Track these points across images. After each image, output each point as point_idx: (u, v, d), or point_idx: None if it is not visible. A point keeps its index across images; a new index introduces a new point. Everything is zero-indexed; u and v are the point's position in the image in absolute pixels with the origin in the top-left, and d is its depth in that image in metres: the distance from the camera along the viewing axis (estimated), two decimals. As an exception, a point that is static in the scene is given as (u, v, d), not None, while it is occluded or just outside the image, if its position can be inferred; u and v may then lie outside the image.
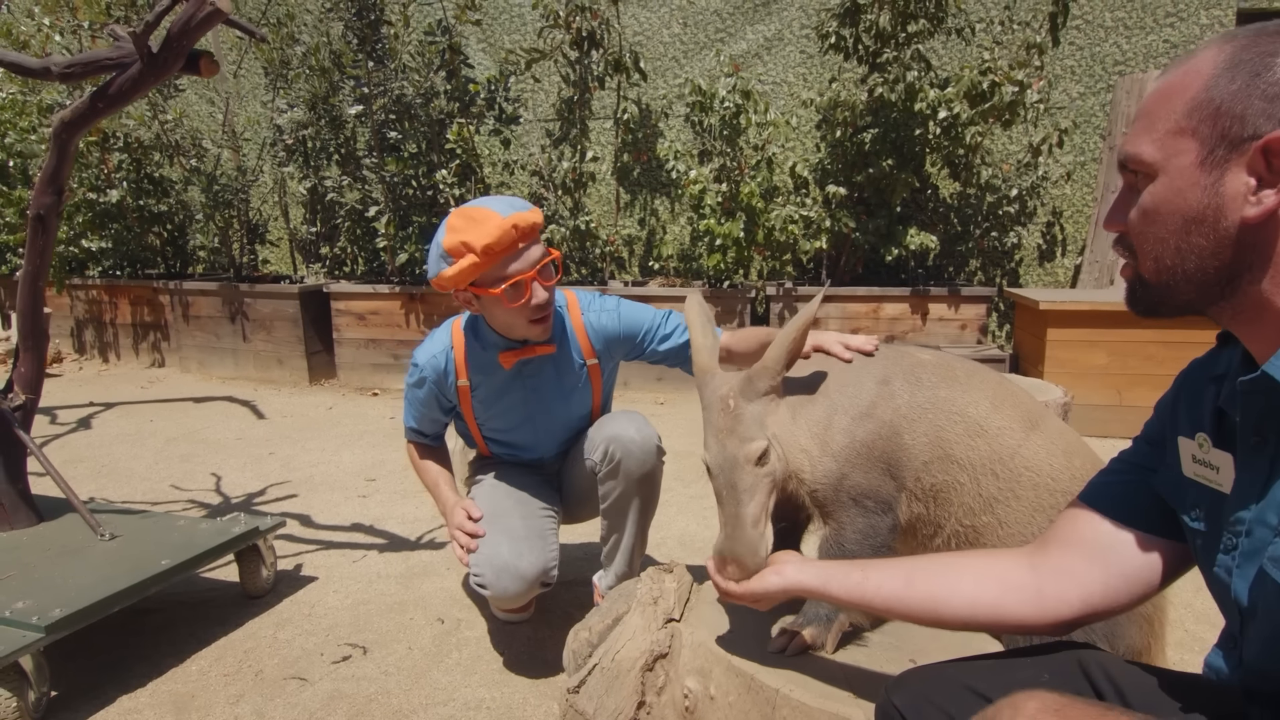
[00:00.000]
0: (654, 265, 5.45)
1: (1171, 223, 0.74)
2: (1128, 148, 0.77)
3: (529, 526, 1.81)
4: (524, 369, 1.84)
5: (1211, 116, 0.71)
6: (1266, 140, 0.68)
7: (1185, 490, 0.87)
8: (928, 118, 4.42)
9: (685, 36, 5.33)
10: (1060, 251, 5.17)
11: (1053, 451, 1.28)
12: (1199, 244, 0.73)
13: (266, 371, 5.23)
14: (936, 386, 1.30)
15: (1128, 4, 4.87)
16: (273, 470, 3.43)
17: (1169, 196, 0.74)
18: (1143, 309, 0.82)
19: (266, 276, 5.67)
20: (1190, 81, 0.73)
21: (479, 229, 1.59)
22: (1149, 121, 0.76)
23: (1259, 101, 0.69)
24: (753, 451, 1.19)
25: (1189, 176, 0.72)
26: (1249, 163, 0.69)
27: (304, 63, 4.88)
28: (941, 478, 1.28)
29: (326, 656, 1.95)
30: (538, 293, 1.68)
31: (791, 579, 1.10)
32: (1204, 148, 0.71)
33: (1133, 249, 0.80)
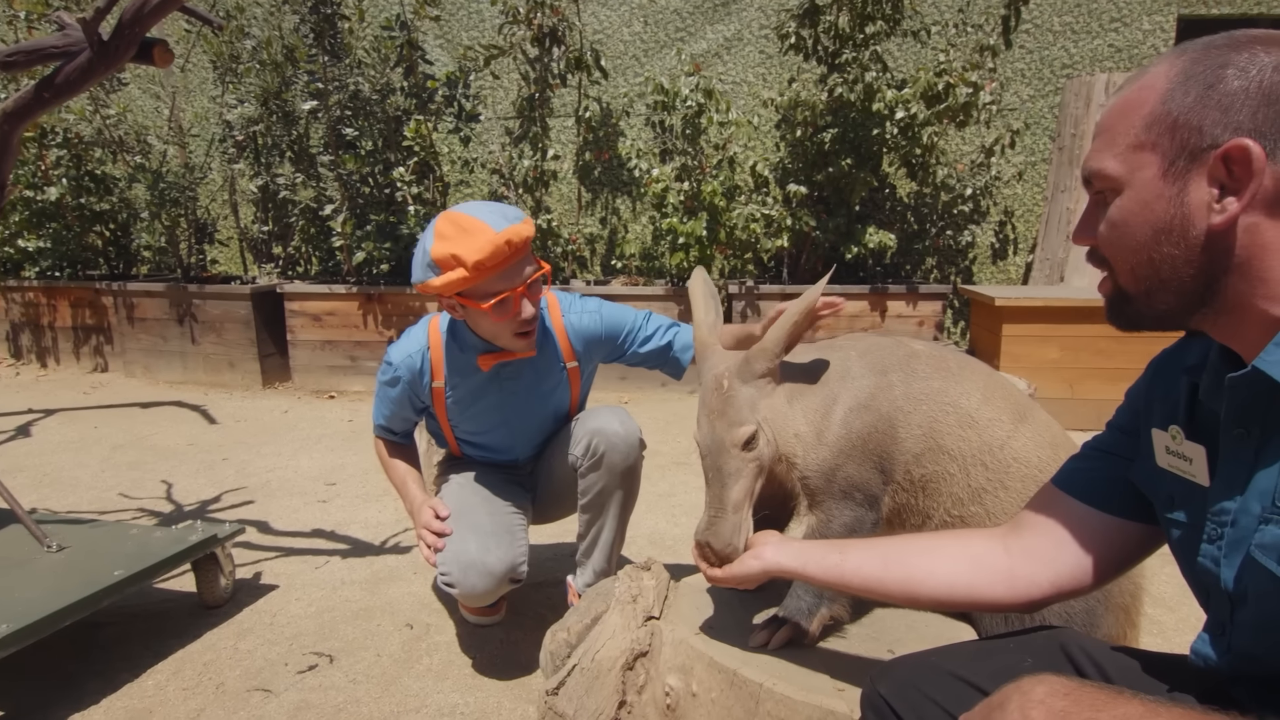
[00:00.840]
0: (616, 264, 5.44)
1: (1141, 234, 0.76)
2: (1091, 164, 0.79)
3: (496, 523, 1.78)
4: (502, 371, 1.81)
5: (1170, 129, 0.73)
6: (1225, 149, 0.70)
7: (1160, 481, 0.89)
8: (885, 118, 4.49)
9: (646, 35, 5.33)
10: (1012, 250, 5.31)
11: (1040, 443, 1.30)
12: (1171, 253, 0.75)
13: (217, 375, 5.07)
14: (930, 377, 1.30)
15: (1074, 9, 5.01)
16: (227, 476, 3.33)
17: (1136, 209, 0.76)
18: (1124, 322, 0.83)
19: (216, 277, 5.50)
20: (1146, 96, 0.75)
21: (470, 242, 1.53)
22: (1109, 137, 0.78)
23: (1214, 112, 0.71)
24: (740, 436, 1.19)
25: (1153, 189, 0.74)
26: (1210, 172, 0.71)
27: (255, 56, 4.75)
28: (932, 468, 1.29)
29: (291, 666, 1.89)
30: (526, 308, 1.64)
31: (770, 561, 1.11)
32: (1165, 160, 0.74)
33: (1107, 261, 0.81)
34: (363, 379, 4.89)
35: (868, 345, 1.36)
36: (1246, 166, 0.69)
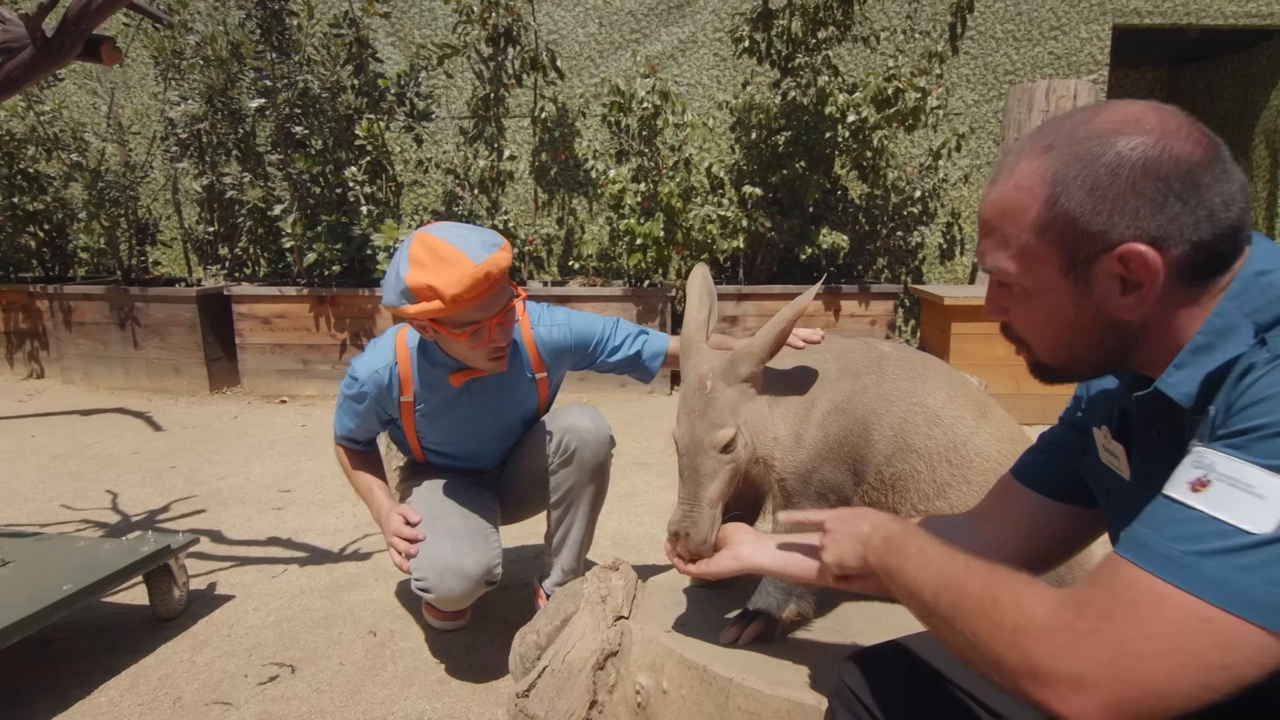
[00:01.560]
0: (573, 265, 5.43)
1: (1053, 327, 0.81)
2: (989, 261, 0.82)
3: (470, 525, 1.78)
4: (473, 386, 1.79)
5: (1061, 235, 0.75)
6: (1119, 252, 0.73)
7: (1100, 474, 0.96)
8: (837, 121, 4.58)
9: (601, 36, 5.33)
10: (959, 250, 5.46)
11: (1000, 438, 1.35)
12: (1084, 338, 0.80)
13: (161, 380, 4.91)
14: (899, 378, 1.34)
15: (1016, 17, 5.18)
16: (175, 485, 3.23)
17: (1044, 308, 0.80)
18: (1049, 381, 0.89)
19: (159, 279, 5.33)
20: (1027, 201, 0.77)
21: (448, 274, 1.49)
22: (1000, 238, 0.80)
23: (1099, 217, 0.73)
24: (720, 439, 1.20)
25: (1057, 288, 0.78)
26: (1109, 270, 0.74)
27: (199, 53, 4.61)
28: (901, 467, 1.33)
29: (251, 678, 1.85)
30: (500, 336, 1.63)
31: (748, 560, 1.14)
32: (1063, 261, 0.76)
33: (1022, 340, 0.86)
34: (315, 383, 4.80)
35: (841, 348, 1.39)
36: (1143, 266, 0.73)
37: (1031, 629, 0.68)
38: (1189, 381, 0.75)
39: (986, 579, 0.75)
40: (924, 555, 0.83)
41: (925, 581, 0.81)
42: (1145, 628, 0.63)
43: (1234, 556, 0.62)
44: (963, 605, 0.75)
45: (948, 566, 0.79)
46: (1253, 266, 0.75)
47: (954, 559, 0.80)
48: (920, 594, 0.81)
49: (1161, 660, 0.62)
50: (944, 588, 0.78)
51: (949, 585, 0.77)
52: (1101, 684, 0.63)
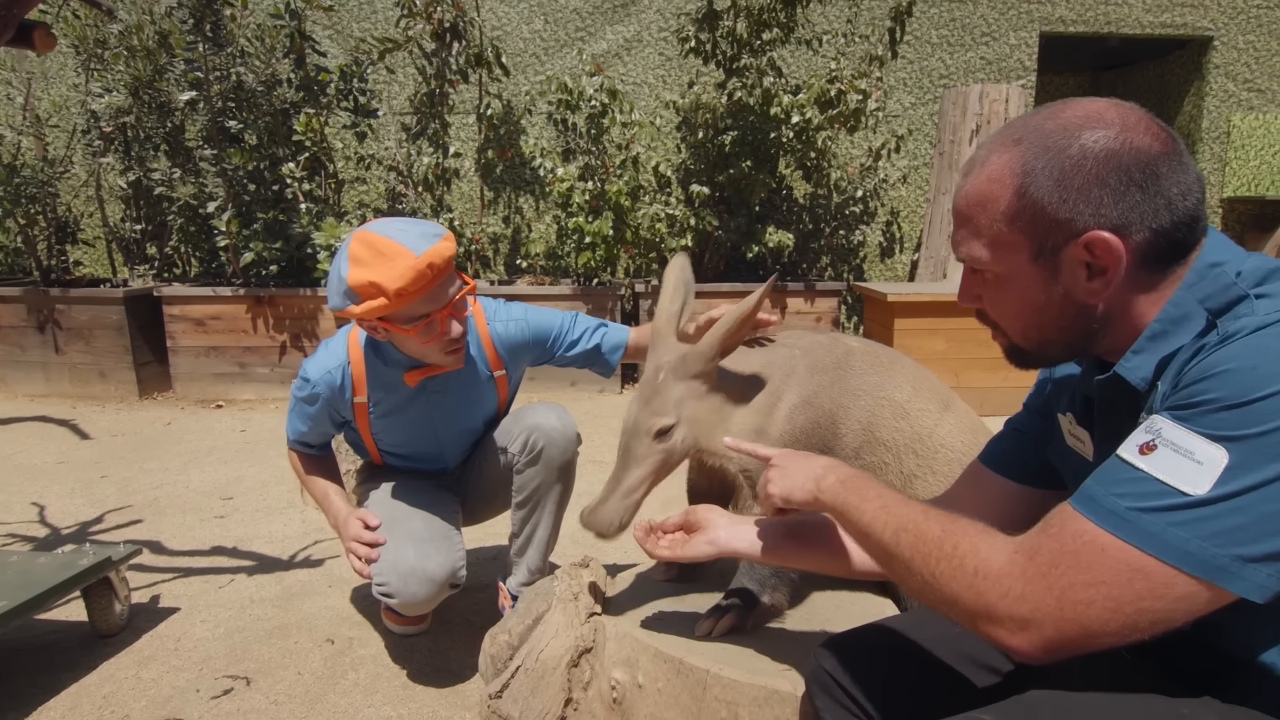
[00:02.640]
0: (521, 264, 5.39)
1: (1026, 312, 0.85)
2: (963, 250, 0.87)
3: (432, 528, 1.74)
4: (429, 385, 1.76)
5: (1030, 223, 0.80)
6: (1084, 240, 0.78)
7: (1067, 458, 1.00)
8: (782, 122, 4.65)
9: (546, 34, 5.30)
10: (899, 248, 5.62)
11: (962, 429, 1.39)
12: (1054, 321, 0.84)
13: (86, 387, 4.67)
14: (867, 373, 1.37)
15: (950, 23, 5.36)
16: (108, 495, 3.08)
17: (1015, 292, 0.85)
18: (1023, 366, 0.93)
19: (81, 280, 5.07)
20: (998, 192, 0.81)
21: (389, 268, 1.46)
22: (973, 228, 0.85)
23: (1065, 206, 0.78)
24: (654, 425, 1.25)
25: (1027, 274, 0.82)
26: (1075, 257, 0.79)
27: (124, 42, 4.40)
28: (869, 459, 1.36)
29: (204, 692, 1.78)
30: (453, 328, 1.60)
31: (724, 544, 1.15)
32: (1032, 248, 0.81)
33: (996, 325, 0.90)
34: (254, 386, 4.64)
35: (810, 344, 1.42)
36: (1108, 253, 0.77)
37: (989, 573, 0.75)
38: (1145, 366, 0.80)
39: (946, 525, 0.81)
40: (882, 499, 0.88)
41: (885, 523, 0.86)
42: (1088, 575, 0.70)
43: (1172, 514, 0.69)
44: (923, 549, 0.81)
45: (907, 512, 0.85)
46: (1206, 258, 0.79)
47: (912, 505, 0.86)
48: (879, 534, 0.86)
49: (1099, 604, 0.70)
50: (904, 530, 0.83)
51: (909, 529, 0.83)
52: (1046, 624, 0.71)
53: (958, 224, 0.87)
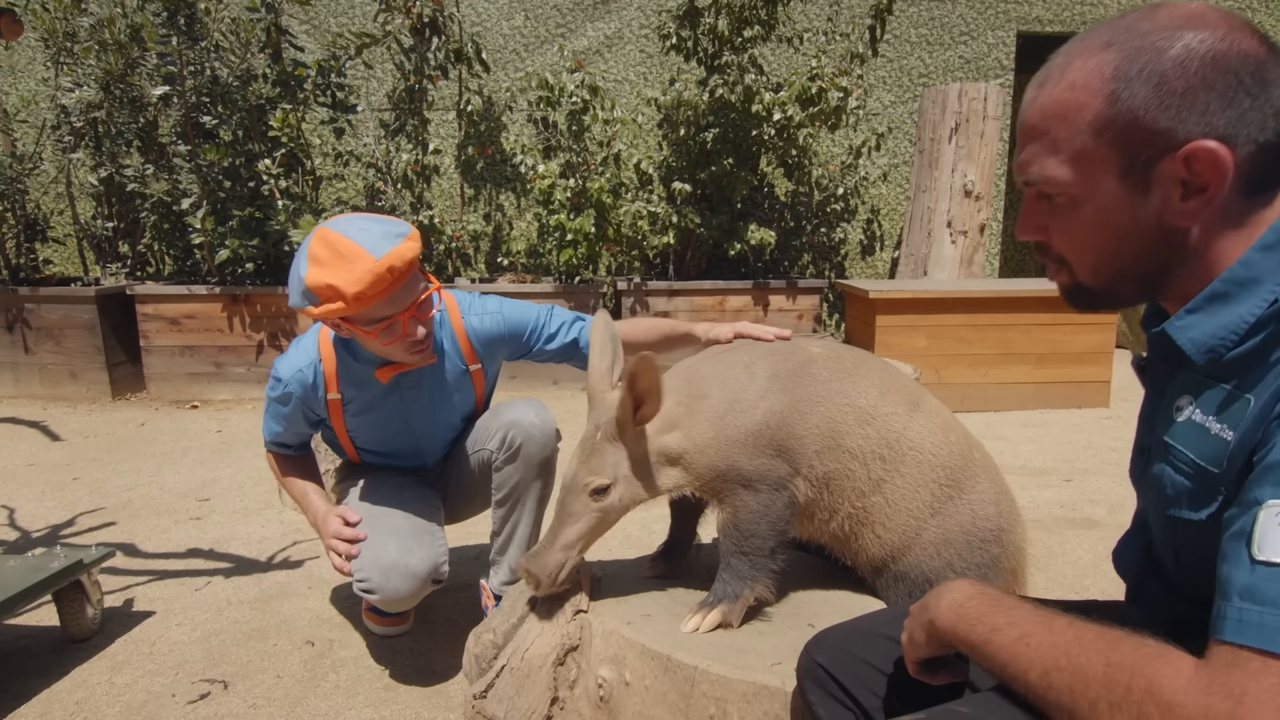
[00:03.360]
0: (502, 261, 5.35)
1: (1104, 239, 0.75)
2: (1033, 169, 0.76)
3: (414, 524, 1.72)
4: (403, 381, 1.73)
5: (1122, 134, 0.71)
6: (1188, 150, 0.68)
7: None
8: (763, 119, 4.66)
9: (526, 30, 5.27)
10: (879, 246, 5.65)
11: (933, 429, 1.38)
12: (1135, 251, 0.75)
13: (57, 388, 4.58)
14: (828, 380, 1.36)
15: (929, 22, 5.39)
16: (80, 498, 3.01)
17: (1096, 216, 0.74)
18: (1084, 308, 0.83)
19: (51, 279, 4.96)
20: (1084, 99, 0.72)
21: (348, 272, 1.43)
22: (1050, 142, 0.75)
23: (1167, 112, 0.69)
24: (590, 483, 1.28)
25: (1113, 193, 0.73)
26: (1171, 172, 0.70)
27: (95, 35, 4.31)
28: (834, 466, 1.35)
29: (180, 697, 1.74)
30: (415, 330, 1.57)
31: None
32: (1122, 164, 0.72)
33: (1062, 259, 0.80)
34: (230, 386, 4.57)
35: (764, 352, 1.40)
36: (1212, 166, 0.68)
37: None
38: (1197, 328, 0.73)
39: (1109, 656, 0.66)
40: (1018, 627, 0.74)
41: (1029, 661, 0.71)
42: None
43: None
44: (1087, 694, 0.66)
45: (1054, 641, 0.70)
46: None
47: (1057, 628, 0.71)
48: (1023, 676, 0.72)
49: None
50: (1057, 669, 0.69)
51: (1062, 666, 0.68)
52: None
53: (1027, 140, 0.77)
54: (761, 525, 1.35)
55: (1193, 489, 0.73)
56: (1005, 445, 3.63)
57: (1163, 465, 0.78)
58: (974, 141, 4.75)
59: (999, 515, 1.41)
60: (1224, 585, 0.64)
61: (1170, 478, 0.76)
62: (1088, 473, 3.26)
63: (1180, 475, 0.75)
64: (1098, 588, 2.24)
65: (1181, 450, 0.75)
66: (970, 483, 1.40)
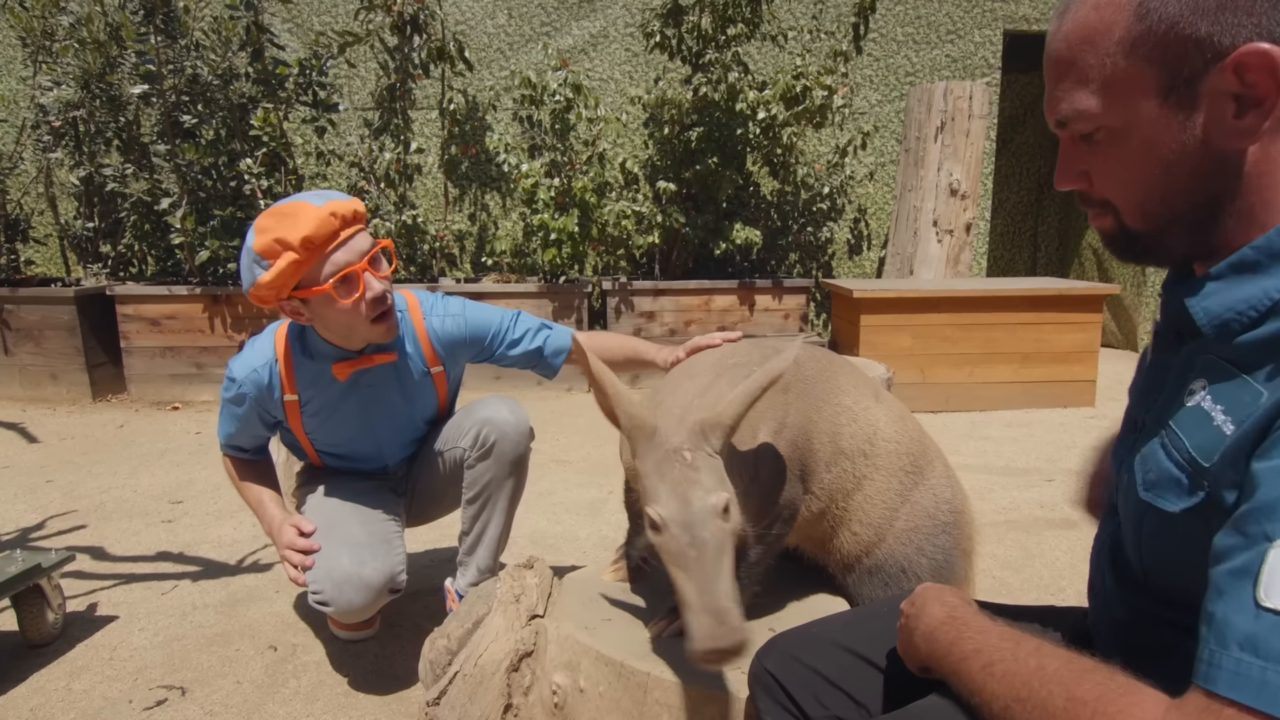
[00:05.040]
0: (487, 261, 5.32)
1: (1150, 172, 0.67)
2: (1064, 106, 0.69)
3: (370, 532, 1.69)
4: (361, 380, 1.70)
5: (1158, 49, 0.63)
6: (1237, 57, 0.60)
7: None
8: (748, 118, 4.63)
9: (510, 28, 5.24)
10: (866, 245, 5.63)
11: (893, 418, 1.37)
12: (1185, 185, 0.66)
13: (37, 389, 4.54)
14: (819, 380, 1.34)
15: (915, 20, 5.37)
16: (52, 500, 2.98)
17: (1139, 147, 0.66)
18: (1130, 258, 0.75)
19: (31, 279, 4.92)
20: (1111, 17, 0.65)
21: (291, 222, 1.44)
22: (1078, 74, 0.68)
23: (1207, 18, 0.61)
24: (720, 502, 1.03)
25: (1155, 119, 0.65)
26: (1220, 86, 0.62)
27: (73, 34, 4.27)
28: (835, 472, 1.32)
29: (136, 703, 1.71)
30: (372, 284, 1.54)
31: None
32: (1163, 84, 0.64)
33: (1108, 204, 0.72)
34: (211, 387, 4.53)
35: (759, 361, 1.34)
36: (1269, 72, 0.60)
37: None
38: (1215, 297, 0.66)
39: (1072, 690, 0.62)
40: (983, 656, 0.71)
41: (993, 693, 0.68)
42: None
43: None
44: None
45: (1018, 671, 0.67)
46: None
47: (1022, 658, 0.67)
48: (987, 705, 0.68)
49: None
50: (1018, 701, 0.65)
51: (1024, 699, 0.65)
52: None
53: (1055, 77, 0.69)
54: (767, 557, 1.32)
55: (1176, 479, 0.67)
56: (989, 445, 3.62)
57: (1155, 445, 0.71)
58: (960, 140, 4.74)
59: (954, 496, 1.41)
60: (1219, 628, 0.57)
61: (1158, 460, 0.70)
62: (1070, 473, 3.24)
63: (1169, 461, 0.69)
64: (1074, 589, 2.22)
65: (1180, 437, 0.68)
66: (929, 467, 1.40)
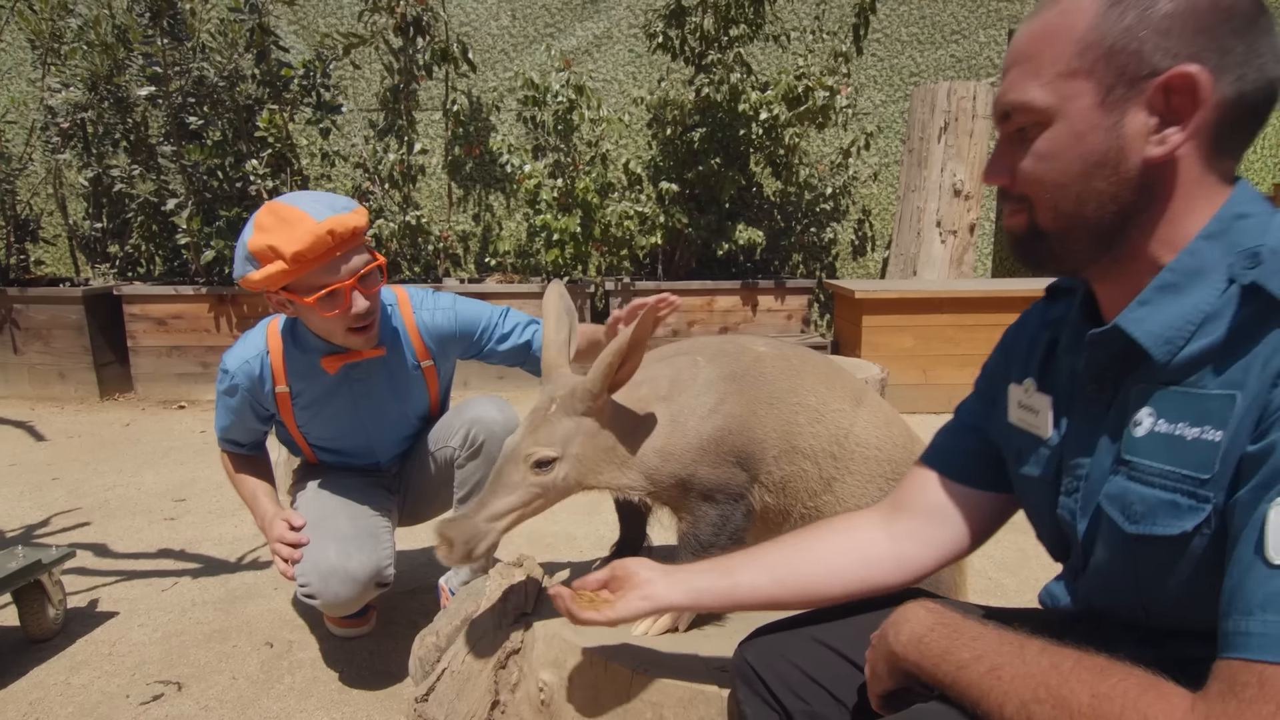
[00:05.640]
0: (491, 262, 5.34)
1: (1073, 168, 0.72)
2: (1012, 96, 0.74)
3: (358, 526, 1.71)
4: (352, 373, 1.72)
5: (1106, 55, 0.69)
6: (1168, 77, 0.67)
7: (1010, 436, 0.93)
8: (750, 119, 4.63)
9: (514, 29, 5.26)
10: (870, 246, 5.62)
11: (876, 424, 1.37)
12: (1100, 188, 0.72)
13: (45, 388, 4.59)
14: (778, 379, 1.34)
15: (920, 20, 5.36)
16: (57, 498, 3.01)
17: (1069, 141, 0.72)
18: (1033, 260, 0.80)
19: (40, 279, 4.98)
20: (1074, 21, 0.71)
21: (288, 233, 1.45)
22: (1033, 66, 0.73)
23: (1153, 37, 0.68)
24: (535, 454, 1.18)
25: (1089, 119, 0.71)
26: (1149, 101, 0.69)
27: (81, 37, 4.32)
28: (789, 469, 1.32)
29: (133, 698, 1.73)
30: (357, 302, 1.56)
31: (661, 600, 1.04)
32: (1102, 88, 0.70)
33: (1025, 199, 0.77)
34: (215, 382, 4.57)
35: (714, 351, 1.37)
36: (1191, 96, 0.67)
37: None
38: (1152, 319, 0.71)
39: (1096, 687, 0.62)
40: (985, 660, 0.70)
41: (1004, 694, 0.67)
42: None
43: None
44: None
45: (1029, 671, 0.66)
46: (1233, 208, 0.71)
47: (1029, 656, 0.67)
48: (999, 710, 0.67)
49: None
50: (1036, 701, 0.64)
51: (1042, 698, 0.64)
52: None
53: (1011, 64, 0.75)
54: (720, 537, 1.33)
55: (1169, 502, 0.69)
56: (990, 446, 3.60)
57: (1123, 482, 0.74)
58: (963, 140, 4.72)
59: None
60: (1240, 598, 0.59)
61: (1138, 493, 0.72)
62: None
63: (1152, 489, 0.71)
64: (1070, 590, 2.22)
65: (1150, 464, 0.71)
66: None
